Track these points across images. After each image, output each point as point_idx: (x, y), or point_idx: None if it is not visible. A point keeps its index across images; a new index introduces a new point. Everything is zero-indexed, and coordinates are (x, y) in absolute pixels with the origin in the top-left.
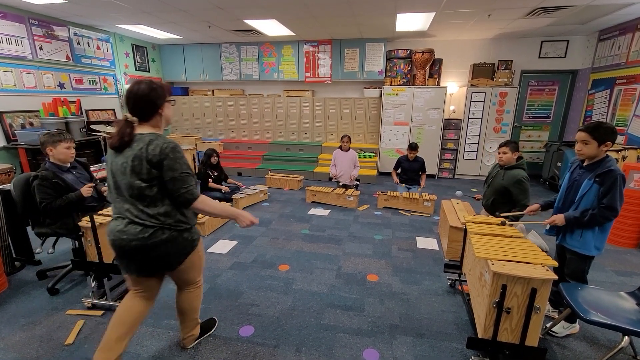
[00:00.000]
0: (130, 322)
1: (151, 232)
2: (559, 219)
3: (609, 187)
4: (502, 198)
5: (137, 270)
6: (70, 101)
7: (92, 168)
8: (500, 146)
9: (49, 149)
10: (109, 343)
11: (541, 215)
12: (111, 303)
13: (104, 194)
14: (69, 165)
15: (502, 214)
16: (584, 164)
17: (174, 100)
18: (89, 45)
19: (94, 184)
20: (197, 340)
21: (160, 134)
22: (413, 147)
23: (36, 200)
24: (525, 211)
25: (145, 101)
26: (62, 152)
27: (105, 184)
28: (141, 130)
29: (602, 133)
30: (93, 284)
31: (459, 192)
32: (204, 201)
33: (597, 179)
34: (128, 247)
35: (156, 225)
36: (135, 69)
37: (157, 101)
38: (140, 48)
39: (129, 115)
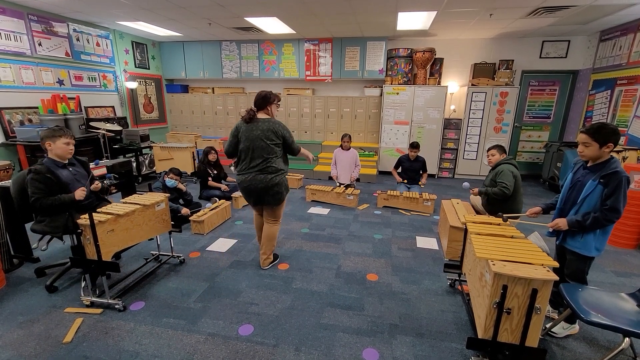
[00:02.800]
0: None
1: (271, 177)
2: (562, 223)
3: (614, 189)
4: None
5: (258, 202)
6: (70, 98)
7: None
8: (488, 149)
9: (47, 144)
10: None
11: (543, 218)
12: (110, 301)
13: (101, 193)
14: (66, 161)
15: (505, 215)
16: (588, 165)
17: (278, 104)
18: (88, 42)
19: (86, 189)
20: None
21: (274, 119)
22: (415, 145)
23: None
24: (527, 213)
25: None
26: (61, 148)
27: (104, 182)
28: (263, 116)
29: (604, 134)
30: (83, 284)
31: (466, 184)
32: (302, 149)
33: (601, 180)
34: (255, 188)
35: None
36: (135, 66)
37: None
38: (140, 45)
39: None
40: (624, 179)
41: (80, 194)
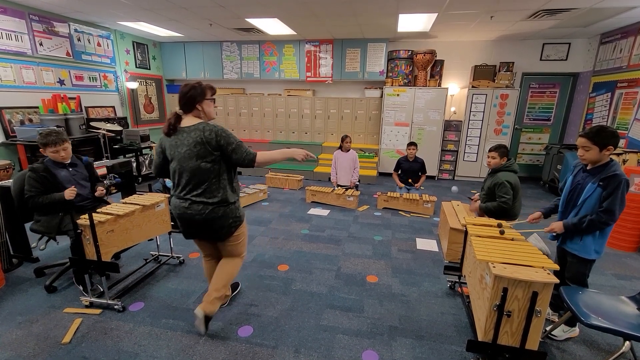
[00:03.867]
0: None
1: (211, 208)
2: (558, 226)
3: (612, 191)
4: (490, 200)
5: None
6: (70, 98)
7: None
8: (489, 150)
9: (41, 150)
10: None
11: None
12: (109, 302)
13: (100, 195)
14: (67, 162)
15: (502, 228)
16: (588, 168)
17: (213, 99)
18: (89, 42)
19: (76, 189)
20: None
21: (208, 122)
22: (412, 143)
23: None
24: (527, 219)
25: (188, 97)
26: (51, 155)
27: (105, 181)
28: (190, 121)
29: (603, 138)
30: (79, 285)
31: (454, 188)
32: (262, 155)
33: (601, 183)
34: (191, 218)
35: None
36: (136, 67)
37: (196, 97)
38: (141, 45)
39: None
40: (624, 181)
41: (69, 193)
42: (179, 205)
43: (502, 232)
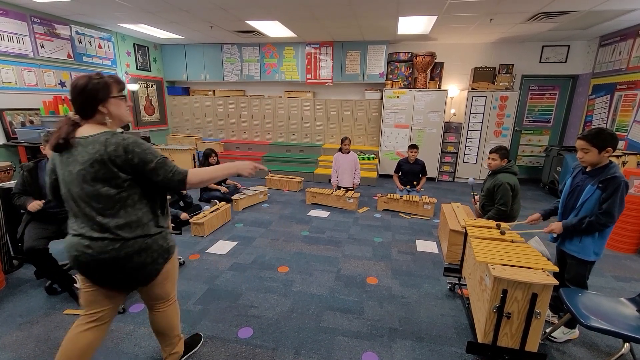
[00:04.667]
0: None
1: (121, 243)
2: (557, 227)
3: (611, 194)
4: (489, 201)
5: (106, 284)
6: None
7: None
8: (490, 152)
9: (42, 147)
10: None
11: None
12: None
13: None
14: None
15: (502, 228)
16: (587, 170)
17: (123, 96)
18: (90, 44)
19: (41, 205)
20: (183, 358)
21: (115, 132)
22: (413, 145)
23: None
24: (526, 221)
25: (85, 96)
26: (50, 153)
27: None
28: (90, 130)
29: (602, 140)
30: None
31: (471, 179)
32: (196, 173)
33: (600, 185)
34: (94, 261)
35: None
36: (137, 69)
37: (97, 95)
38: (141, 47)
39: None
40: (623, 184)
41: (33, 206)
42: (75, 245)
43: (502, 233)
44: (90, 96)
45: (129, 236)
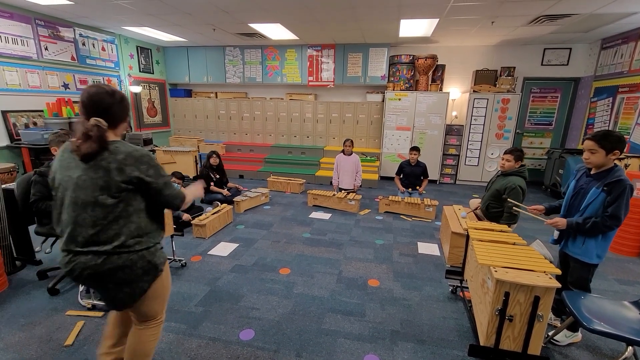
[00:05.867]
0: None
1: (105, 257)
2: (562, 222)
3: (616, 197)
4: (496, 203)
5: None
6: (74, 102)
7: None
8: (505, 152)
9: (53, 149)
10: None
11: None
12: None
13: None
14: None
15: (510, 201)
16: (591, 172)
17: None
18: (94, 47)
19: None
20: None
21: (124, 142)
22: (415, 148)
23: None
24: (529, 208)
25: (122, 107)
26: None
27: None
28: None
29: (610, 142)
30: (81, 288)
31: (463, 214)
32: (187, 197)
33: (605, 188)
34: (84, 273)
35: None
36: (140, 71)
37: (129, 110)
38: (144, 50)
39: (99, 120)
40: (628, 187)
41: None
42: (66, 260)
43: (510, 207)
44: (126, 108)
45: (111, 248)
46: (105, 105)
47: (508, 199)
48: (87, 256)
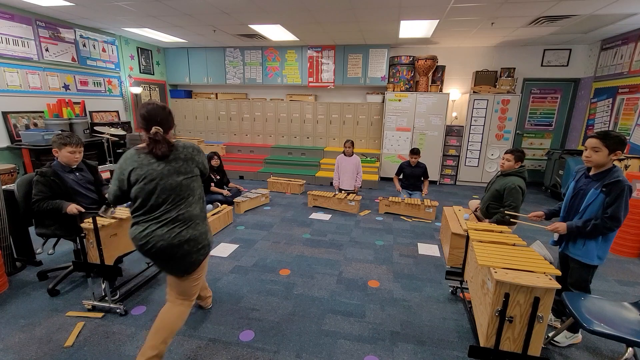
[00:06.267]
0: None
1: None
2: (562, 227)
3: (615, 198)
4: (496, 203)
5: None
6: (75, 102)
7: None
8: (506, 152)
9: (54, 150)
10: None
11: (544, 224)
12: (111, 305)
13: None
14: (74, 166)
15: (507, 213)
16: (590, 173)
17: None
18: (94, 48)
19: (80, 209)
20: None
21: (178, 139)
22: (415, 151)
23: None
24: (528, 215)
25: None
26: (65, 156)
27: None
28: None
29: (614, 141)
30: (103, 285)
31: (466, 215)
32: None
33: (604, 189)
34: (179, 251)
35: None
36: (140, 72)
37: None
38: (145, 51)
39: (158, 128)
40: (627, 188)
41: (72, 209)
42: (161, 236)
43: (507, 217)
44: (173, 118)
45: (204, 219)
46: (161, 117)
47: (506, 212)
48: (186, 230)
